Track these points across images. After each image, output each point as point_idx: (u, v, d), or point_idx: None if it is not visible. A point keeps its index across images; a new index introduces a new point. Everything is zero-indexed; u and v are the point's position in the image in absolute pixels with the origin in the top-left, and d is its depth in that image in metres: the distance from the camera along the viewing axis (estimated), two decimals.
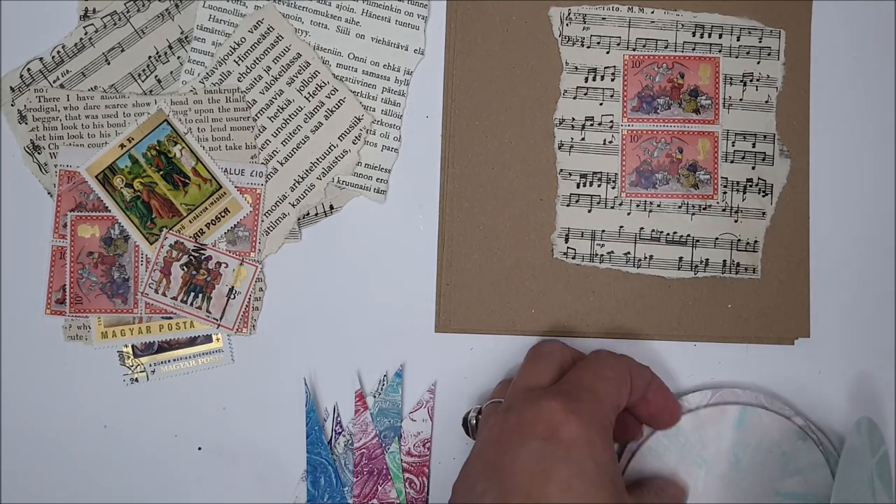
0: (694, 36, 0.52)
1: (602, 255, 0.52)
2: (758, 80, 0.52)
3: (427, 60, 0.53)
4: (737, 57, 0.52)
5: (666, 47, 0.52)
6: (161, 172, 0.52)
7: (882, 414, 0.52)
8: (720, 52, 0.52)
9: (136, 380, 0.53)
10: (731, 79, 0.52)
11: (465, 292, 0.52)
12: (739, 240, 0.52)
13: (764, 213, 0.52)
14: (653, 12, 0.52)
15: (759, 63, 0.52)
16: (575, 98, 0.52)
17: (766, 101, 0.52)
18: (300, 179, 0.53)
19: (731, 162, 0.52)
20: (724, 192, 0.52)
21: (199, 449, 0.52)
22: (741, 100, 0.52)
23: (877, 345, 0.50)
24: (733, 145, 0.52)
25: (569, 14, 0.53)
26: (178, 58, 0.53)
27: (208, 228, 0.52)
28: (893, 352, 0.48)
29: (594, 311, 0.52)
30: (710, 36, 0.52)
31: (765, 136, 0.52)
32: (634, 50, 0.52)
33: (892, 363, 0.52)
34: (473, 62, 0.53)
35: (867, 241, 0.52)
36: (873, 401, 0.52)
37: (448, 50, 0.53)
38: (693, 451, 0.50)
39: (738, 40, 0.52)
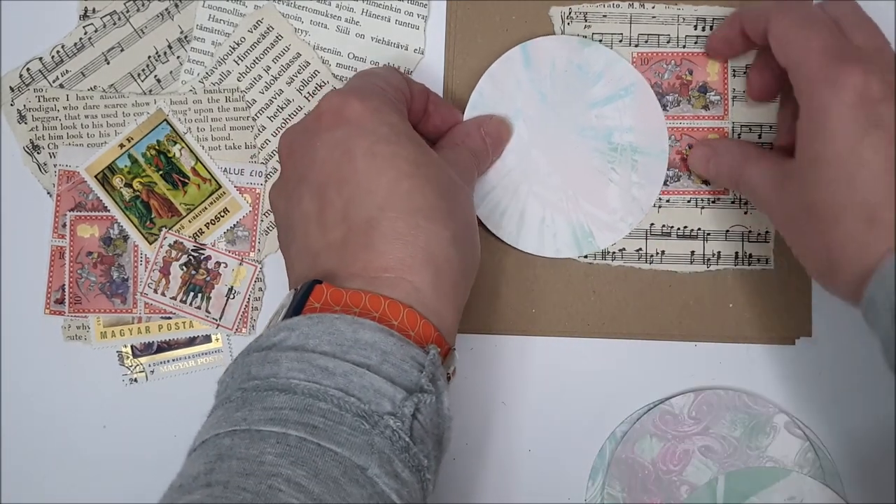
0: (696, 30, 0.52)
1: (614, 253, 0.52)
2: None
3: (427, 60, 0.53)
4: None
5: (668, 42, 0.52)
6: (160, 172, 0.52)
7: (882, 414, 0.51)
8: None
9: (136, 380, 0.52)
10: (735, 71, 0.52)
11: None
12: (750, 231, 0.52)
13: None
14: (654, 7, 0.52)
15: None
16: None
17: None
18: None
19: None
20: None
21: None
22: (745, 91, 0.52)
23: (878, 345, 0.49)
24: (739, 137, 0.52)
25: (569, 13, 0.52)
26: (178, 57, 0.53)
27: (208, 228, 0.52)
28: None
29: (594, 311, 0.52)
30: (711, 29, 0.52)
31: (770, 127, 0.52)
32: (637, 46, 0.52)
33: None
34: (473, 62, 0.52)
35: None
36: (874, 401, 0.51)
37: (448, 50, 0.53)
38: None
39: None
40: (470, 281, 0.43)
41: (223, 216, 0.52)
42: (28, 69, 0.53)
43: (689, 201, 0.52)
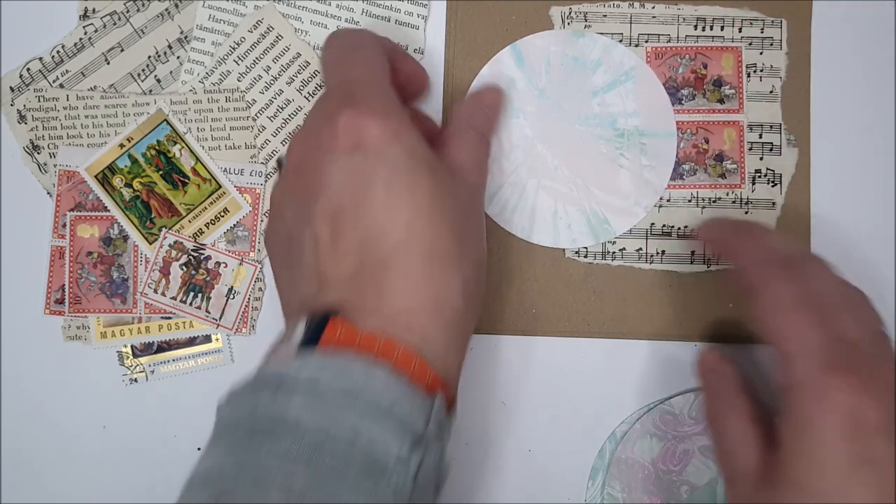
0: (696, 29, 0.52)
1: (614, 253, 0.52)
2: (762, 71, 0.52)
3: (427, 60, 0.53)
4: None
5: (668, 41, 0.52)
6: (160, 172, 0.52)
7: None
8: (722, 43, 0.52)
9: (136, 380, 0.52)
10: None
11: None
12: None
13: (774, 204, 0.52)
14: (654, 7, 0.52)
15: (761, 54, 0.52)
16: None
17: (771, 92, 0.52)
18: None
19: None
20: None
21: (199, 449, 0.52)
22: (746, 91, 0.52)
23: None
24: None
25: (570, 13, 0.52)
26: (178, 57, 0.53)
27: (208, 228, 0.52)
28: (895, 351, 0.47)
29: (595, 311, 0.51)
30: (711, 29, 0.52)
31: (771, 127, 0.52)
32: (637, 46, 0.52)
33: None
34: (473, 62, 0.52)
35: (870, 238, 0.52)
36: None
37: (448, 50, 0.53)
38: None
39: (739, 32, 0.52)
40: (472, 326, 0.43)
41: (223, 216, 0.52)
42: (28, 69, 0.53)
43: (689, 201, 0.52)
